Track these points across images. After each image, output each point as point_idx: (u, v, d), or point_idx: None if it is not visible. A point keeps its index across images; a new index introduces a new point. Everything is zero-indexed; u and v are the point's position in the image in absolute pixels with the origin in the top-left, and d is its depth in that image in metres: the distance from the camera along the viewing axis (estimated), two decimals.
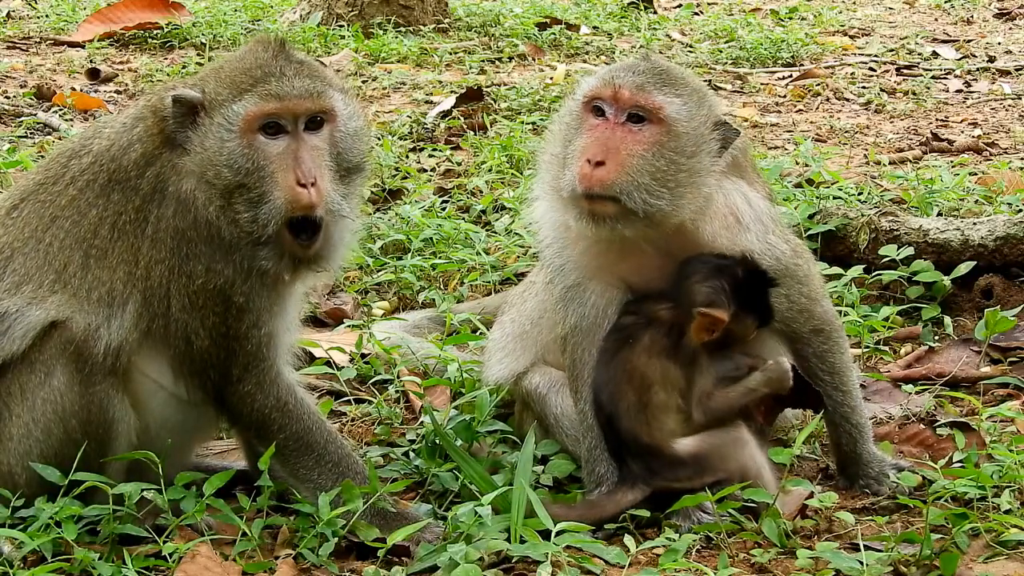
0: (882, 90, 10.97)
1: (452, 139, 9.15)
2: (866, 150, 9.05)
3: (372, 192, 7.76)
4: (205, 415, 4.33)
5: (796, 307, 4.51)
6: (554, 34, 12.88)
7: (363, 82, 11.02)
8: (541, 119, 9.46)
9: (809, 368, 4.57)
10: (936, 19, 15.04)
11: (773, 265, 4.42)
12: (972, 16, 15.01)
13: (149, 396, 4.22)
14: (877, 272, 6.14)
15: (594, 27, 13.69)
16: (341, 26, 12.87)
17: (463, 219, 7.30)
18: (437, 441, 4.60)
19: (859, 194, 7.44)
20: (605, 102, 4.32)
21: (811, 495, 4.31)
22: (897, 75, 11.76)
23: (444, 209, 7.46)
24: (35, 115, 9.49)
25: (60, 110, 9.77)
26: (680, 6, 15.44)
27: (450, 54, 12.18)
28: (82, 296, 4.12)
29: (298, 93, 4.11)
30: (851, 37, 13.72)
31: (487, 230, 7.12)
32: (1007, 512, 4.18)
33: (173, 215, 4.11)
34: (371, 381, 5.45)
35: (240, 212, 4.08)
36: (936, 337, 5.87)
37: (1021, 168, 8.48)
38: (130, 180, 4.16)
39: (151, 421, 4.23)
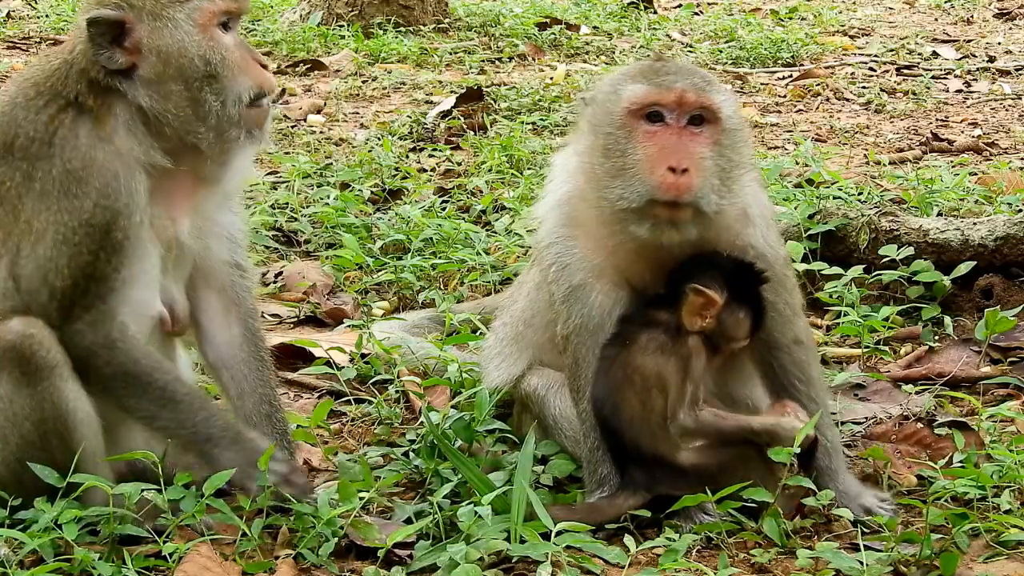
0: (882, 90, 10.97)
1: (452, 139, 9.15)
2: (866, 150, 9.05)
3: (372, 192, 7.76)
4: None
5: (780, 316, 4.48)
6: (554, 34, 12.89)
7: (363, 82, 11.03)
8: (541, 119, 9.46)
9: (788, 377, 4.52)
10: (936, 19, 15.04)
11: (769, 266, 4.41)
12: (972, 16, 15.01)
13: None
14: (877, 272, 6.14)
15: (594, 27, 13.69)
16: (341, 26, 12.87)
17: (463, 219, 7.29)
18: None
19: (859, 194, 7.44)
20: (665, 108, 4.25)
21: (808, 492, 4.31)
22: (897, 75, 11.76)
23: (444, 209, 7.45)
24: None
25: None
26: (680, 6, 15.45)
27: (450, 54, 12.18)
28: None
29: None
30: (851, 37, 13.71)
31: (487, 230, 7.12)
32: (1007, 512, 4.18)
33: (69, 159, 4.06)
34: (371, 381, 5.44)
35: (211, 101, 4.16)
36: (936, 337, 5.86)
37: (1021, 168, 8.48)
38: (22, 151, 4.12)
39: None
